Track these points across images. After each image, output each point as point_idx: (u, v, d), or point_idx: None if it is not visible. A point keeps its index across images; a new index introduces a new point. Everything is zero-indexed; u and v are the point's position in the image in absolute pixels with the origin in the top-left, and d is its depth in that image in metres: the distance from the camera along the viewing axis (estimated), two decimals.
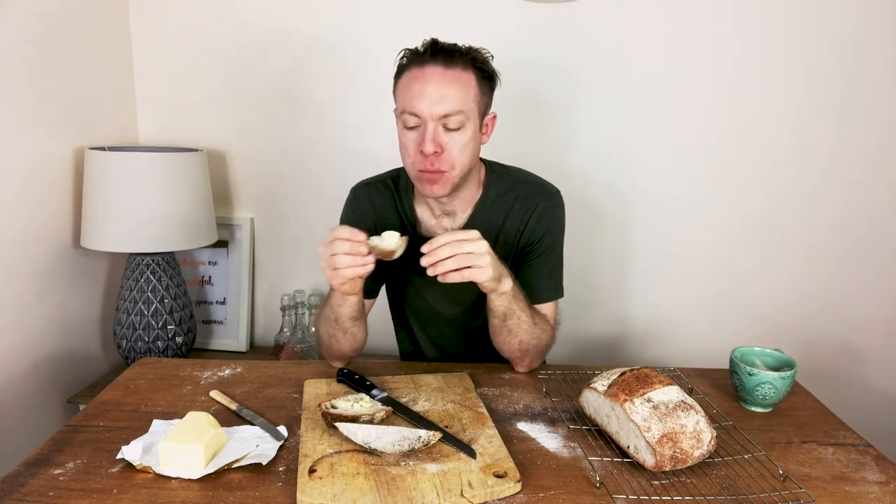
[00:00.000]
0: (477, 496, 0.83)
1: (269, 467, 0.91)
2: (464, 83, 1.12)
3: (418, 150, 1.12)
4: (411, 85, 1.12)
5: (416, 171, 1.15)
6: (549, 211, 1.27)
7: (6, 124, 1.44)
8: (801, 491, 0.88)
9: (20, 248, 1.51)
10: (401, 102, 1.14)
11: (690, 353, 1.93)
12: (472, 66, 1.13)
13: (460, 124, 1.12)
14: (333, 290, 1.14)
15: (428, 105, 1.09)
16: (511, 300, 1.13)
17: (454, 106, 1.10)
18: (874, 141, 1.80)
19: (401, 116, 1.14)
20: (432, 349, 1.42)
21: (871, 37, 1.73)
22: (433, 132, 1.10)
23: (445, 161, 1.13)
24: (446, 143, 1.12)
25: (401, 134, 1.16)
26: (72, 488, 0.85)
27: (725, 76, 1.79)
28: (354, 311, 1.17)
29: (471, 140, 1.14)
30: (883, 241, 1.86)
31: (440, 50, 1.11)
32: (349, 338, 1.20)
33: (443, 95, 1.09)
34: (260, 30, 1.85)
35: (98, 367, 1.82)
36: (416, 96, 1.10)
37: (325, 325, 1.21)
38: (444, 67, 1.10)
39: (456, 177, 1.15)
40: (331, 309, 1.17)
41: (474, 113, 1.14)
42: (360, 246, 1.02)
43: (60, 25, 1.59)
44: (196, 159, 1.69)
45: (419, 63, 1.12)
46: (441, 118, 1.10)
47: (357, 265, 1.02)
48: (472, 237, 1.03)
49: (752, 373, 1.11)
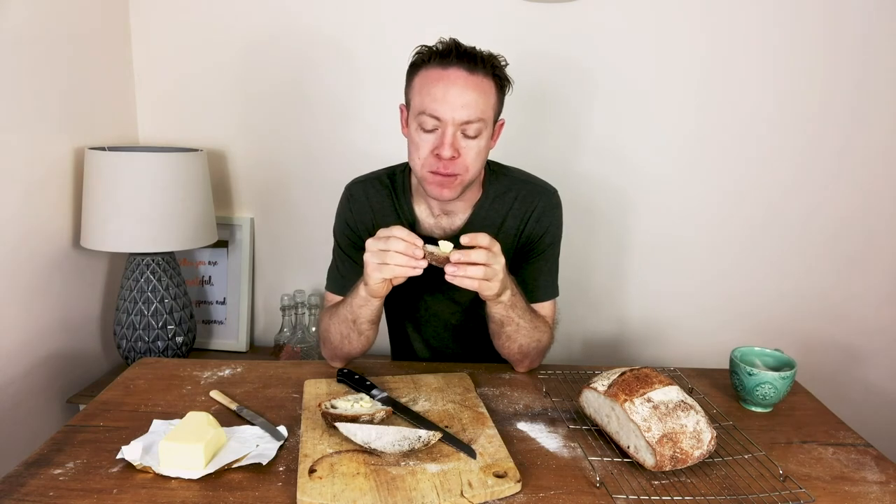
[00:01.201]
0: (477, 496, 0.83)
1: (269, 467, 0.91)
2: (485, 91, 1.11)
3: (433, 152, 1.11)
4: (433, 86, 1.09)
5: (426, 171, 1.14)
6: (549, 211, 1.27)
7: (6, 124, 1.44)
8: (801, 491, 0.88)
9: (20, 248, 1.51)
10: (419, 102, 1.11)
11: (690, 353, 1.93)
12: (492, 74, 1.12)
13: (478, 132, 1.11)
14: (357, 293, 1.13)
15: (451, 109, 1.08)
16: (508, 308, 1.12)
17: (476, 114, 1.09)
18: (876, 142, 1.80)
19: (418, 117, 1.12)
20: (425, 350, 1.42)
21: (878, 36, 1.72)
22: (452, 137, 1.10)
23: (459, 166, 1.12)
24: (463, 149, 1.11)
25: (414, 133, 1.14)
26: (72, 488, 0.85)
27: (729, 76, 1.79)
28: (375, 314, 1.16)
29: (485, 147, 1.15)
30: (883, 241, 1.86)
31: (464, 54, 1.09)
32: (363, 339, 1.19)
33: (466, 102, 1.08)
34: (260, 30, 1.85)
35: (98, 367, 1.82)
36: (438, 99, 1.08)
37: (340, 325, 1.19)
38: (468, 73, 1.09)
39: (467, 182, 1.16)
40: (350, 309, 1.16)
41: (490, 121, 1.14)
42: (416, 249, 1.01)
43: (60, 25, 1.59)
44: (196, 159, 1.69)
45: (441, 64, 1.10)
46: (462, 124, 1.10)
47: (409, 265, 1.01)
48: (498, 251, 1.03)
49: (752, 373, 1.11)
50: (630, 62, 1.80)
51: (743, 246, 1.91)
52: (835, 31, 1.73)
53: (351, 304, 1.15)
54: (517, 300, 1.14)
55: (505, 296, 1.10)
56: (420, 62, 1.13)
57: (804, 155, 1.83)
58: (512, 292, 1.11)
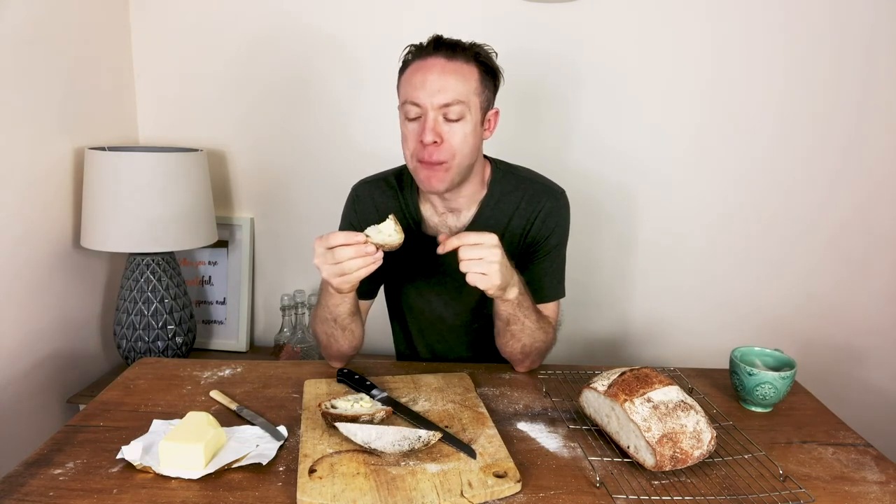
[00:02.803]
0: (477, 496, 0.83)
1: (269, 467, 0.91)
2: (465, 74, 1.13)
3: (418, 139, 1.13)
4: (413, 76, 1.13)
5: (415, 161, 1.16)
6: (556, 211, 1.27)
7: (6, 124, 1.44)
8: (801, 491, 0.88)
9: (20, 248, 1.51)
10: (402, 93, 1.16)
11: (690, 353, 1.93)
12: (474, 61, 1.15)
13: (460, 115, 1.12)
14: (328, 293, 1.13)
15: (429, 94, 1.11)
16: (515, 307, 1.13)
17: (454, 96, 1.11)
18: (879, 143, 1.80)
19: (402, 107, 1.15)
20: (428, 352, 1.42)
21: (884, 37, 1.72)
22: (433, 122, 1.11)
23: (445, 151, 1.13)
24: (446, 134, 1.12)
25: (402, 125, 1.17)
26: (72, 488, 0.85)
27: (729, 75, 1.79)
28: (352, 307, 1.17)
29: (471, 132, 1.14)
30: (883, 241, 1.86)
31: (443, 44, 1.14)
32: (348, 335, 1.20)
33: (443, 85, 1.10)
34: (260, 30, 1.85)
35: (98, 367, 1.82)
36: (417, 86, 1.12)
37: (323, 325, 1.20)
38: (447, 60, 1.12)
39: (455, 169, 1.15)
40: (327, 310, 1.17)
41: (475, 105, 1.15)
42: (364, 247, 1.01)
43: (60, 25, 1.59)
44: (196, 159, 1.69)
45: (422, 56, 1.14)
46: (441, 108, 1.11)
47: (368, 265, 1.02)
48: (487, 242, 1.02)
49: (752, 373, 1.11)
50: (633, 60, 1.80)
51: (743, 246, 1.91)
52: (839, 30, 1.73)
53: (327, 305, 1.16)
54: (524, 299, 1.14)
55: (512, 293, 1.10)
56: (406, 60, 1.17)
57: (806, 155, 1.82)
58: (519, 291, 1.12)
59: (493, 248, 1.02)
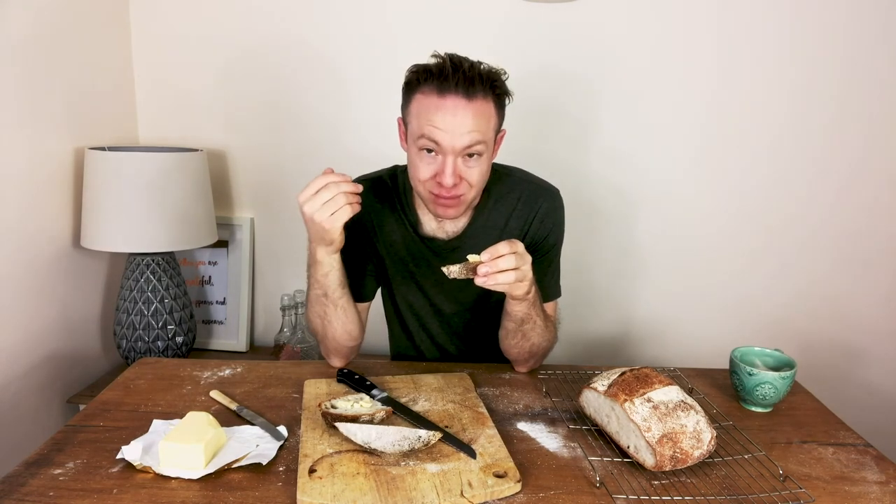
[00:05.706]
0: (477, 496, 0.83)
1: (269, 467, 0.91)
2: (485, 114, 1.09)
3: (435, 179, 1.11)
4: (431, 114, 1.07)
5: (428, 192, 1.14)
6: (553, 211, 1.28)
7: (6, 124, 1.44)
8: (801, 491, 0.88)
9: (20, 247, 1.51)
10: (418, 126, 1.09)
11: (690, 353, 1.93)
12: (491, 94, 1.10)
13: (480, 153, 1.11)
14: (316, 265, 1.13)
15: (451, 139, 1.07)
16: (531, 307, 1.13)
17: (476, 138, 1.08)
18: (876, 142, 1.80)
19: (418, 140, 1.10)
20: (433, 349, 1.42)
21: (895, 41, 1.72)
22: (453, 165, 1.09)
23: (462, 187, 1.12)
24: (465, 172, 1.11)
25: (414, 154, 1.13)
26: (72, 488, 0.85)
27: (737, 78, 1.79)
28: (341, 277, 1.16)
29: (486, 163, 1.14)
30: (883, 241, 1.86)
31: (460, 76, 1.06)
32: (340, 314, 1.18)
33: (465, 128, 1.06)
34: (260, 30, 1.85)
35: (98, 367, 1.82)
36: (437, 125, 1.06)
37: (316, 307, 1.19)
38: (467, 99, 1.06)
39: (469, 198, 1.16)
40: (318, 285, 1.16)
41: (492, 140, 1.13)
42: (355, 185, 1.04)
43: (60, 25, 1.59)
44: (196, 159, 1.69)
45: (439, 89, 1.07)
46: (463, 150, 1.09)
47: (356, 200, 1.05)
48: (522, 250, 1.02)
49: (752, 373, 1.11)
50: (638, 64, 1.80)
51: (743, 247, 1.91)
52: (847, 37, 1.73)
53: (317, 280, 1.16)
54: (537, 298, 1.15)
55: (532, 292, 1.10)
56: (415, 81, 1.10)
57: (810, 158, 1.82)
58: (536, 289, 1.12)
59: (525, 255, 1.03)
